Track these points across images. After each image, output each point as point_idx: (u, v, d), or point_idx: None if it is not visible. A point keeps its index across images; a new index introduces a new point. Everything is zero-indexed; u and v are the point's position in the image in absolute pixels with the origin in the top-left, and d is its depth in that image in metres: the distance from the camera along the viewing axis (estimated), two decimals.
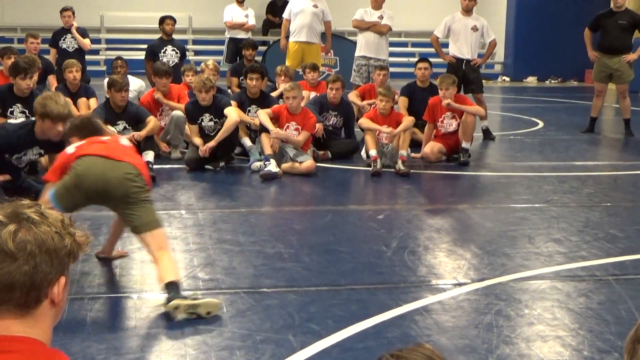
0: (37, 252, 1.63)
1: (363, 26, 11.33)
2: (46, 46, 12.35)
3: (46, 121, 5.65)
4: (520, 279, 5.00)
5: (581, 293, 4.76)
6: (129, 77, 10.50)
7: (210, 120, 8.49)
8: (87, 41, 12.30)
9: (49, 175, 4.77)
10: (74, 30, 12.13)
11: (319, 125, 8.96)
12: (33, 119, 6.24)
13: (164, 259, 4.43)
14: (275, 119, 8.55)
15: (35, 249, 1.63)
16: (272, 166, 8.05)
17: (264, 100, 9.17)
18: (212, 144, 8.22)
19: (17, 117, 7.74)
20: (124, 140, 5.04)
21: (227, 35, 13.98)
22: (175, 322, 4.18)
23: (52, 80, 10.74)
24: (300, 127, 8.52)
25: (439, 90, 9.10)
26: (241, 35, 13.66)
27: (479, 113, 9.38)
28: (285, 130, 8.50)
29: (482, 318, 4.30)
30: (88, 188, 4.56)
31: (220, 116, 8.41)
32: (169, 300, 4.22)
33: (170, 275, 4.34)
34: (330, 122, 9.49)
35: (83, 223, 1.91)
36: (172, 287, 4.28)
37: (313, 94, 10.21)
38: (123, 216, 4.67)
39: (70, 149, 4.77)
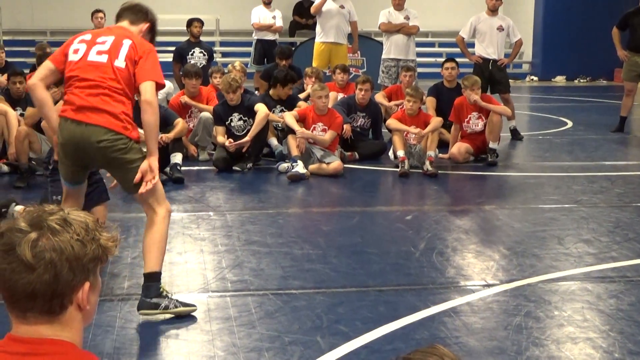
0: (56, 261, 1.63)
1: (392, 29, 11.31)
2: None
3: None
4: (550, 280, 4.96)
5: (612, 294, 4.72)
6: None
7: (240, 119, 8.55)
8: None
9: None
10: None
11: (346, 127, 8.97)
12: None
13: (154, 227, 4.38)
14: (302, 121, 8.56)
15: (54, 258, 1.63)
16: (299, 167, 8.06)
17: (288, 101, 9.21)
18: (247, 139, 8.29)
19: None
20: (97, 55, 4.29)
21: (255, 36, 14.02)
22: (204, 323, 4.21)
23: None
24: (327, 128, 8.54)
25: (463, 90, 9.07)
26: (269, 36, 13.71)
27: (505, 113, 9.33)
28: (312, 131, 8.51)
29: (511, 319, 4.27)
30: (71, 157, 4.32)
31: (249, 114, 8.48)
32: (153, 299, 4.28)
33: (150, 265, 4.34)
34: (358, 123, 9.48)
35: (113, 223, 1.92)
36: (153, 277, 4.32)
37: (340, 95, 10.20)
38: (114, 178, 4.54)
39: None
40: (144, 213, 6.60)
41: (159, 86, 4.29)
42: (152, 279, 4.31)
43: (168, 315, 4.29)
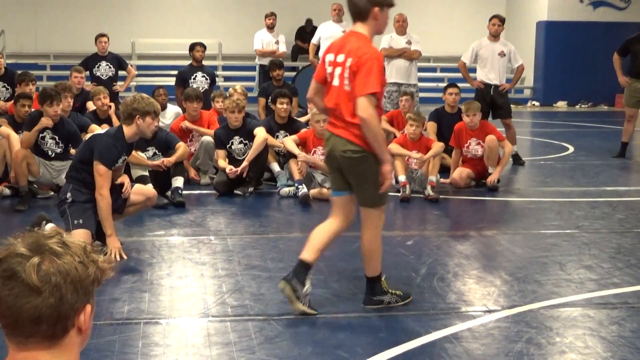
0: (62, 284, 1.63)
1: (394, 54, 11.34)
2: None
3: (147, 118, 5.80)
4: (551, 306, 4.94)
5: (613, 321, 4.70)
6: (168, 104, 10.60)
7: (240, 142, 8.60)
8: (131, 70, 12.47)
9: None
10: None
11: None
12: (109, 128, 6.43)
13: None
14: (302, 145, 8.58)
15: (60, 281, 1.63)
16: (305, 190, 8.11)
17: (291, 125, 9.23)
18: (244, 164, 8.32)
19: (47, 143, 7.87)
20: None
21: (258, 62, 14.03)
22: (204, 348, 4.19)
23: (90, 106, 10.68)
24: None
25: (464, 116, 9.08)
26: None
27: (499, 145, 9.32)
28: (313, 155, 8.52)
29: (512, 346, 4.25)
30: (329, 164, 4.84)
31: (250, 138, 8.54)
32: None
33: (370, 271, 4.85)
34: None
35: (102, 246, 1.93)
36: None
37: None
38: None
39: None
40: (144, 237, 6.63)
41: (375, 94, 4.43)
42: (374, 280, 4.82)
43: (169, 341, 4.28)
